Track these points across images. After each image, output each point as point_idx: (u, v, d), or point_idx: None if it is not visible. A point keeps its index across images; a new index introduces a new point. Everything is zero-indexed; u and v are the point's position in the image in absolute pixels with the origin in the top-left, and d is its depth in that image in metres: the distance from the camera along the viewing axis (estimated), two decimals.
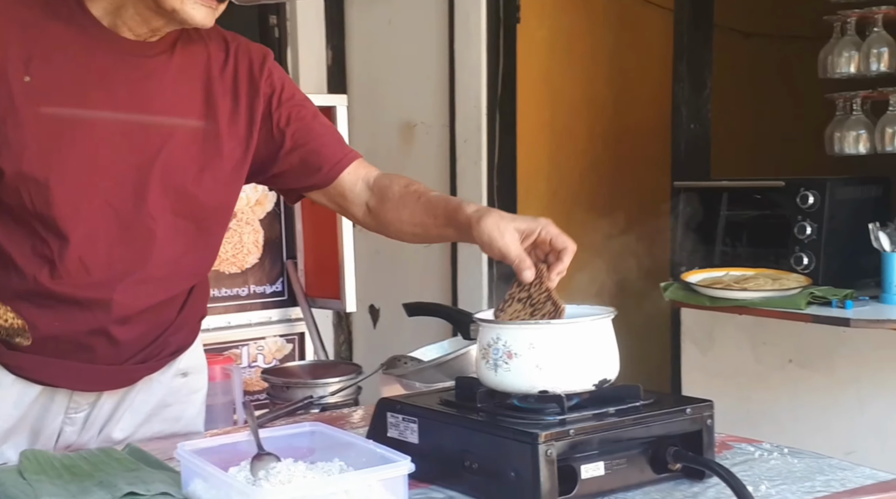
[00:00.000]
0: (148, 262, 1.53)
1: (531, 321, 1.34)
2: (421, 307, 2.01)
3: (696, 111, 3.01)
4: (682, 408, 1.33)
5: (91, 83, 1.48)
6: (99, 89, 1.48)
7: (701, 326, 2.95)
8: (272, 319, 3.22)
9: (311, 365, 2.60)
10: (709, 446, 1.33)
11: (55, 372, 1.55)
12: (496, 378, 1.31)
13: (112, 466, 1.43)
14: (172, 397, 1.71)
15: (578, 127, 3.87)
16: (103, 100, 1.48)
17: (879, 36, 2.49)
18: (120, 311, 1.52)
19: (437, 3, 3.77)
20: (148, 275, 1.54)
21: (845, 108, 2.58)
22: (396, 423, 1.39)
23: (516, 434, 1.22)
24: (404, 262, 4.03)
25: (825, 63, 2.59)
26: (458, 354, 1.69)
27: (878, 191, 2.57)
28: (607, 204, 3.90)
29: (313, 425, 1.41)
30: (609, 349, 1.33)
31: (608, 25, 3.89)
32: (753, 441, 1.51)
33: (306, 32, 4.31)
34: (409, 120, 3.98)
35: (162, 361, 1.65)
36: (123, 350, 1.57)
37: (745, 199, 2.66)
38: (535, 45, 3.67)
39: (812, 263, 2.44)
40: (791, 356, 2.75)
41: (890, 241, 2.28)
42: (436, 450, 1.32)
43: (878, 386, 2.55)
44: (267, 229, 3.25)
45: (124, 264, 1.51)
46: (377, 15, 4.12)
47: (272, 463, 1.25)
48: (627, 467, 1.28)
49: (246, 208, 3.17)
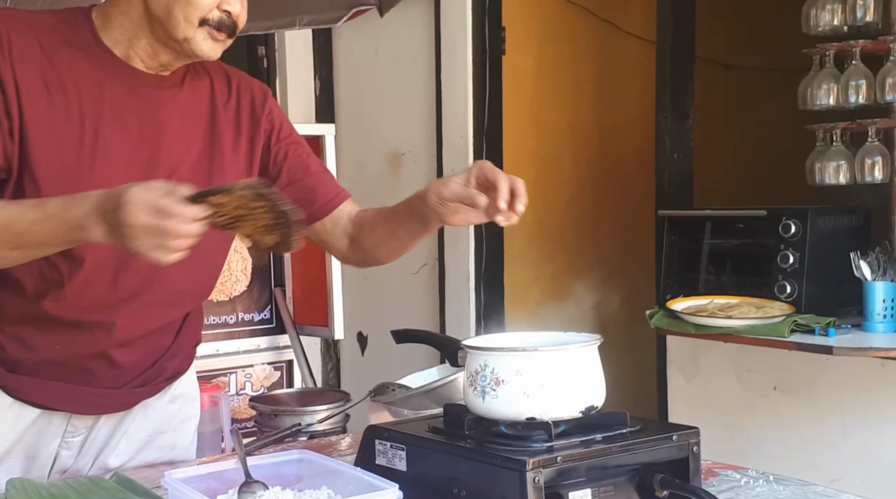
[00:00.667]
0: (151, 287, 1.54)
1: (519, 349, 1.33)
2: (409, 334, 2.01)
3: (679, 141, 3.02)
4: (668, 435, 1.33)
5: (104, 113, 1.49)
6: (112, 119, 1.49)
7: (686, 353, 2.96)
8: (260, 347, 3.22)
9: (300, 393, 2.60)
10: (695, 473, 1.33)
11: (54, 395, 1.54)
12: (484, 405, 1.31)
13: (99, 494, 1.42)
14: (167, 423, 1.71)
15: (563, 156, 3.89)
16: (116, 129, 1.50)
17: (857, 68, 2.52)
18: (122, 334, 1.53)
19: (424, 33, 3.80)
20: (150, 299, 1.55)
21: (825, 140, 2.60)
22: (385, 450, 1.38)
23: (504, 461, 1.22)
24: (392, 289, 4.02)
25: (805, 95, 2.61)
26: (446, 382, 1.69)
27: (858, 220, 2.59)
28: (593, 232, 3.92)
29: (301, 453, 1.41)
30: (596, 376, 1.33)
31: (592, 56, 3.92)
32: (739, 468, 1.51)
33: (294, 63, 4.33)
34: (396, 149, 3.99)
35: (159, 385, 1.66)
36: (122, 374, 1.58)
37: (729, 227, 2.67)
38: (520, 76, 3.69)
39: (795, 292, 2.45)
40: (775, 384, 2.75)
41: (871, 270, 2.30)
42: (424, 477, 1.31)
43: (861, 414, 2.56)
44: (255, 257, 3.25)
45: (129, 289, 1.52)
46: (364, 45, 4.14)
47: (260, 491, 1.25)
48: (615, 493, 1.28)
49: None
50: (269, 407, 2.21)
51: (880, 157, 2.51)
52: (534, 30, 3.74)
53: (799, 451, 2.67)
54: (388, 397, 1.75)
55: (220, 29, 1.47)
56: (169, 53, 1.51)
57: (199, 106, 1.59)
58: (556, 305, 3.80)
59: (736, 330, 2.39)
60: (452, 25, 3.66)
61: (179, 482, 1.27)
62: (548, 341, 1.36)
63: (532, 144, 3.78)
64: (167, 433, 1.71)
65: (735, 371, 2.83)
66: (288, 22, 3.36)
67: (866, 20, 2.50)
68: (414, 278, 3.92)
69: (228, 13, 1.46)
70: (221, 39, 1.48)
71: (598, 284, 3.90)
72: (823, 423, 2.63)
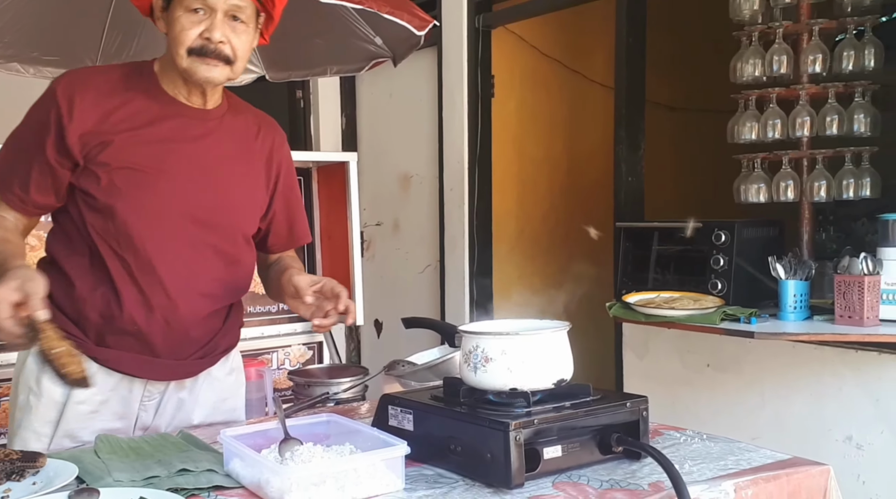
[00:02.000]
0: (200, 281, 1.55)
1: (504, 333, 1.33)
2: (415, 321, 2.01)
3: (633, 167, 3.03)
4: (623, 402, 1.34)
5: (163, 141, 1.51)
6: (169, 146, 1.51)
7: (638, 337, 2.96)
8: (297, 331, 3.20)
9: (328, 367, 2.59)
10: (644, 432, 1.34)
11: (131, 363, 1.55)
12: (476, 378, 1.31)
13: (168, 448, 1.42)
14: (227, 391, 1.72)
15: (540, 179, 3.89)
16: (172, 154, 1.51)
17: (773, 110, 2.52)
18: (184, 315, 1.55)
19: (429, 80, 3.81)
20: (200, 291, 1.56)
21: (749, 167, 2.60)
22: (396, 414, 1.38)
23: (492, 423, 1.22)
24: (402, 285, 4.03)
25: (732, 131, 2.61)
26: (445, 359, 1.68)
27: (775, 231, 2.59)
28: (564, 240, 3.91)
29: (329, 416, 1.42)
30: (565, 355, 1.33)
31: (563, 99, 3.93)
32: (679, 429, 1.52)
33: (325, 103, 4.34)
34: (406, 172, 4.00)
35: (215, 357, 1.66)
36: (185, 348, 1.59)
37: (672, 237, 2.67)
38: (506, 115, 3.70)
39: (724, 288, 2.45)
40: (709, 362, 2.75)
41: (784, 271, 2.30)
42: (427, 436, 1.31)
43: (776, 385, 2.56)
44: None
45: (187, 283, 1.54)
46: (381, 90, 4.15)
47: (296, 446, 1.25)
48: (580, 449, 1.29)
49: None
50: (303, 379, 2.20)
51: (792, 181, 2.52)
52: (517, 78, 3.75)
53: (726, 415, 2.67)
54: (399, 371, 1.75)
55: (208, 55, 1.45)
56: (190, 86, 1.52)
57: (237, 136, 1.60)
58: (534, 298, 3.81)
59: (678, 319, 2.39)
60: (452, 74, 3.67)
61: (232, 439, 1.28)
62: (527, 327, 1.36)
63: (515, 169, 3.78)
64: (229, 399, 1.72)
65: (677, 352, 2.83)
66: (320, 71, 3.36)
67: (781, 72, 2.51)
68: (420, 276, 3.93)
69: (209, 39, 1.45)
70: (213, 64, 1.47)
71: (567, 282, 3.90)
72: (746, 392, 2.64)
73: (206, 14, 1.44)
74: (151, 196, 1.48)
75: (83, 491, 1.16)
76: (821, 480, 1.30)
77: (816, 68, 2.46)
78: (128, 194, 1.47)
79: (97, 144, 1.46)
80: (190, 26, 1.44)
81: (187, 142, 1.53)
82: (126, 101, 1.50)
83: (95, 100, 1.48)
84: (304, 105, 4.41)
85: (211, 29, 1.44)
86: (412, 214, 3.99)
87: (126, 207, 1.47)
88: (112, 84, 1.51)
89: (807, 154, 2.50)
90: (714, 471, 1.28)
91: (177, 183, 1.51)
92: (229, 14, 1.46)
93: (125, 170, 1.47)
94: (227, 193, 1.57)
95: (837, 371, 2.43)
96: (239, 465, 1.25)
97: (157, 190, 1.49)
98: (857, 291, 2.14)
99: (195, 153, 1.53)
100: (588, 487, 1.22)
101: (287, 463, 1.20)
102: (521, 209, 3.83)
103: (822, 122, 2.45)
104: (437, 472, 1.28)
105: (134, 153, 1.48)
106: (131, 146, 1.48)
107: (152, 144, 1.49)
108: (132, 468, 1.29)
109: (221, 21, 1.45)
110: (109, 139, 1.46)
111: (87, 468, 1.29)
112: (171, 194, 1.50)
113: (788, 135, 2.50)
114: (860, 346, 2.32)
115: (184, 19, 1.44)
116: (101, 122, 1.47)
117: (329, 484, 1.16)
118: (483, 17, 3.57)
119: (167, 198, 1.50)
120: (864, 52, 2.42)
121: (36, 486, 1.23)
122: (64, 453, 1.42)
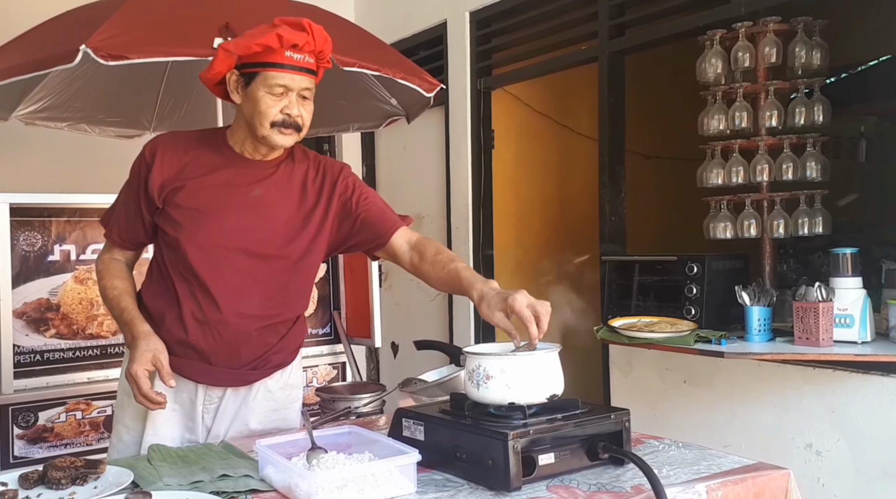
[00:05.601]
0: (248, 302, 1.59)
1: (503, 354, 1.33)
2: (426, 343, 2.02)
3: (615, 208, 3.04)
4: (608, 414, 1.33)
5: (222, 185, 1.58)
6: (227, 190, 1.58)
7: (623, 357, 2.95)
8: (323, 353, 3.21)
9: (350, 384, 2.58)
10: (627, 441, 1.34)
11: (191, 369, 1.59)
12: (478, 394, 1.31)
13: (211, 456, 1.42)
14: (279, 403, 1.72)
15: (535, 218, 3.90)
16: (229, 197, 1.58)
17: (737, 159, 2.53)
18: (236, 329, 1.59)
19: (438, 134, 3.85)
20: (249, 311, 1.59)
21: (716, 208, 2.60)
22: (409, 426, 1.38)
23: (493, 433, 1.22)
24: (416, 311, 4.03)
25: (701, 177, 2.62)
26: (452, 377, 1.68)
27: (740, 263, 2.59)
28: (556, 272, 3.91)
29: (351, 428, 1.42)
30: (557, 373, 1.34)
31: (554, 150, 3.95)
32: (658, 438, 1.51)
33: (348, 154, 4.39)
34: (419, 213, 4.03)
35: (267, 371, 1.67)
36: (239, 359, 1.61)
37: (651, 268, 2.67)
38: (504, 163, 3.73)
39: (697, 313, 2.44)
40: (685, 378, 2.74)
41: (749, 298, 2.29)
42: (436, 445, 1.32)
43: (744, 399, 2.54)
44: (321, 289, 3.26)
45: (238, 304, 1.58)
46: (396, 142, 4.20)
47: (322, 454, 1.26)
48: (570, 456, 1.29)
49: None
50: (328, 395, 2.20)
51: (754, 220, 2.52)
52: (513, 132, 3.78)
53: (700, 425, 2.65)
54: (412, 388, 1.75)
55: (286, 126, 1.55)
56: (261, 146, 1.60)
57: (293, 181, 1.64)
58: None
59: (657, 340, 2.38)
60: (457, 129, 3.72)
61: (266, 448, 1.28)
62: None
63: (513, 209, 3.80)
64: (281, 411, 1.72)
65: (657, 370, 2.82)
66: (344, 127, 3.42)
67: (742, 126, 2.52)
68: (431, 304, 3.93)
69: (289, 115, 1.54)
70: (289, 133, 1.56)
71: (559, 308, 3.88)
72: (718, 405, 2.62)
73: (285, 93, 1.53)
74: (207, 231, 1.56)
75: (138, 494, 1.17)
76: (782, 482, 1.29)
77: (773, 122, 2.48)
78: (188, 230, 1.56)
79: (172, 190, 1.57)
80: (273, 104, 1.53)
81: (242, 186, 1.59)
82: (198, 156, 1.60)
83: (174, 155, 1.59)
84: (331, 156, 4.47)
85: (290, 107, 1.54)
86: None
87: (187, 240, 1.56)
88: (188, 144, 1.62)
89: (766, 196, 2.51)
90: (689, 475, 1.28)
91: (229, 221, 1.57)
92: (301, 93, 1.56)
93: (191, 211, 1.56)
94: (275, 229, 1.60)
95: (798, 386, 2.41)
96: (272, 471, 1.26)
97: (211, 226, 1.57)
98: (814, 316, 2.13)
99: (249, 193, 1.59)
100: (578, 489, 1.21)
101: (314, 469, 1.20)
102: (519, 244, 3.84)
103: (779, 169, 2.46)
104: (445, 477, 1.28)
105: (198, 196, 1.57)
106: (197, 191, 1.57)
107: (213, 188, 1.57)
108: (180, 474, 1.30)
109: (296, 99, 1.55)
110: (181, 185, 1.57)
111: (141, 474, 1.30)
112: (223, 230, 1.57)
113: (750, 180, 2.52)
114: (817, 364, 2.31)
115: (268, 98, 1.53)
116: (177, 173, 1.58)
117: (350, 487, 1.16)
118: (484, 81, 3.62)
119: (221, 233, 1.57)
120: (814, 109, 2.45)
121: (97, 489, 1.24)
122: (121, 460, 1.43)
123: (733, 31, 2.52)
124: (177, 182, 1.57)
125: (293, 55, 1.51)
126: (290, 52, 1.51)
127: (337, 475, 1.16)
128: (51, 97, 2.88)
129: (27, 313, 2.71)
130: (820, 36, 2.47)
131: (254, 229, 1.58)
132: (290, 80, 1.52)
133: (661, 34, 2.83)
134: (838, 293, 2.16)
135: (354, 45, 2.62)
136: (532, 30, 3.38)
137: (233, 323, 1.57)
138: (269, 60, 1.51)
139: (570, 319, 3.76)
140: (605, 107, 3.02)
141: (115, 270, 1.65)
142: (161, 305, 1.60)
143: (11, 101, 2.83)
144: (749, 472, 1.29)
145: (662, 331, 2.39)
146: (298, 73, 1.53)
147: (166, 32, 2.24)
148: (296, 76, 1.52)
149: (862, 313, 2.13)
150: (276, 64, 1.51)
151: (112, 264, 1.66)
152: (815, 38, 2.46)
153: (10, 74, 2.24)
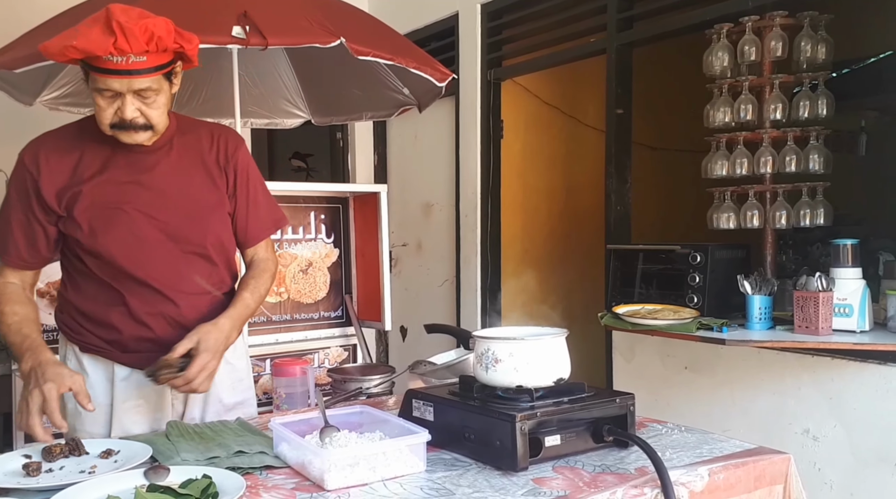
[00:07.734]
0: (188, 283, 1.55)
1: (511, 338, 1.33)
2: (436, 327, 2.01)
3: (621, 198, 3.02)
4: (613, 398, 1.33)
5: (121, 180, 1.50)
6: (127, 181, 1.50)
7: (626, 343, 2.94)
8: (335, 335, 3.21)
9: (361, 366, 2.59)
10: (631, 424, 1.33)
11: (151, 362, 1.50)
12: (487, 376, 1.31)
13: (227, 433, 1.43)
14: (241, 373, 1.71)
15: (541, 208, 3.89)
16: (130, 187, 1.50)
17: (741, 151, 2.51)
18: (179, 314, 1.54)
19: (448, 124, 3.83)
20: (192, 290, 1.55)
21: (720, 198, 2.58)
22: (419, 406, 1.38)
23: (501, 415, 1.22)
24: (424, 296, 4.03)
25: (706, 168, 2.60)
26: (461, 360, 1.68)
27: (742, 253, 2.57)
28: (562, 260, 3.91)
29: (362, 408, 1.42)
30: (564, 358, 1.33)
31: (561, 141, 3.93)
32: (661, 422, 1.51)
33: (361, 143, 4.38)
34: (428, 201, 4.01)
35: None
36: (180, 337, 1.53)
37: (655, 257, 2.66)
38: (512, 154, 3.71)
39: (700, 302, 2.43)
40: (686, 364, 2.73)
41: (751, 287, 2.28)
42: (445, 425, 1.31)
43: (744, 385, 2.53)
44: (333, 273, 3.26)
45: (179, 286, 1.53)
46: (408, 131, 4.18)
47: (334, 433, 1.25)
48: (576, 438, 1.28)
49: (319, 259, 3.18)
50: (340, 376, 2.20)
51: (757, 211, 2.50)
52: (522, 122, 3.76)
53: (701, 411, 2.64)
54: (421, 370, 1.75)
55: (125, 128, 1.43)
56: None
57: (189, 152, 1.56)
58: (537, 308, 3.79)
59: (659, 327, 2.37)
60: (467, 119, 3.69)
61: (280, 425, 1.28)
62: (531, 333, 1.36)
63: (520, 199, 3.79)
64: (244, 380, 1.71)
65: (659, 356, 2.81)
66: (357, 116, 3.41)
67: (747, 118, 2.49)
68: (439, 289, 3.93)
69: (123, 118, 1.41)
70: (134, 132, 1.44)
71: (565, 295, 3.89)
72: (718, 391, 2.61)
73: (116, 96, 1.39)
74: (122, 230, 1.48)
75: (156, 468, 1.17)
76: (782, 466, 1.29)
77: (777, 115, 2.45)
78: (103, 233, 1.47)
79: (71, 195, 1.47)
80: (107, 106, 1.40)
81: (142, 174, 1.50)
82: (85, 152, 1.49)
83: (60, 157, 1.48)
84: (343, 145, 4.45)
85: (123, 110, 1.40)
86: (433, 236, 4.01)
87: (106, 244, 1.48)
88: (70, 141, 1.50)
89: (769, 188, 2.49)
90: (691, 458, 1.27)
91: (141, 213, 1.49)
92: (138, 94, 1.40)
93: (99, 213, 1.47)
94: (187, 206, 1.53)
95: (796, 374, 2.40)
96: (286, 448, 1.26)
97: (124, 223, 1.48)
98: (814, 305, 2.11)
99: (152, 182, 1.51)
100: (583, 471, 1.21)
101: (326, 447, 1.20)
102: (526, 233, 3.83)
103: (782, 161, 2.44)
104: (454, 456, 1.28)
105: (102, 196, 1.48)
106: (99, 190, 1.48)
107: (112, 184, 1.48)
108: (197, 450, 1.30)
109: (130, 100, 1.40)
110: (79, 189, 1.47)
111: (160, 449, 1.30)
112: (139, 223, 1.49)
113: (754, 171, 2.49)
114: (816, 352, 2.29)
115: (100, 100, 1.40)
116: (70, 176, 1.48)
117: (362, 465, 1.16)
118: (494, 72, 3.59)
119: (137, 227, 1.49)
120: (818, 102, 2.42)
121: (117, 464, 1.24)
122: (141, 436, 1.43)
123: (740, 24, 2.48)
124: (74, 186, 1.46)
125: (112, 58, 1.33)
126: (110, 56, 1.33)
127: (349, 453, 1.16)
128: (74, 83, 2.87)
129: (49, 293, 2.72)
130: (825, 30, 2.43)
131: (167, 214, 1.51)
132: (117, 84, 1.36)
133: (669, 27, 2.80)
134: (838, 283, 2.14)
135: (368, 34, 2.60)
136: (542, 22, 3.35)
137: (184, 306, 1.53)
138: (92, 64, 1.36)
139: (575, 306, 3.75)
140: (613, 98, 2.99)
141: (13, 294, 1.50)
142: (101, 307, 1.51)
143: (36, 87, 2.83)
144: (750, 456, 1.28)
145: (665, 318, 2.38)
146: (122, 77, 1.35)
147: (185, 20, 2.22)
148: (123, 80, 1.36)
149: (861, 303, 2.11)
150: (98, 69, 1.35)
151: (8, 288, 1.51)
152: (821, 32, 2.43)
153: (34, 60, 2.23)
